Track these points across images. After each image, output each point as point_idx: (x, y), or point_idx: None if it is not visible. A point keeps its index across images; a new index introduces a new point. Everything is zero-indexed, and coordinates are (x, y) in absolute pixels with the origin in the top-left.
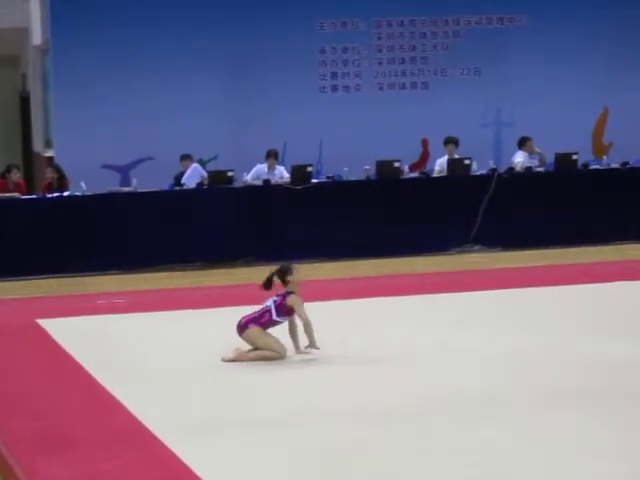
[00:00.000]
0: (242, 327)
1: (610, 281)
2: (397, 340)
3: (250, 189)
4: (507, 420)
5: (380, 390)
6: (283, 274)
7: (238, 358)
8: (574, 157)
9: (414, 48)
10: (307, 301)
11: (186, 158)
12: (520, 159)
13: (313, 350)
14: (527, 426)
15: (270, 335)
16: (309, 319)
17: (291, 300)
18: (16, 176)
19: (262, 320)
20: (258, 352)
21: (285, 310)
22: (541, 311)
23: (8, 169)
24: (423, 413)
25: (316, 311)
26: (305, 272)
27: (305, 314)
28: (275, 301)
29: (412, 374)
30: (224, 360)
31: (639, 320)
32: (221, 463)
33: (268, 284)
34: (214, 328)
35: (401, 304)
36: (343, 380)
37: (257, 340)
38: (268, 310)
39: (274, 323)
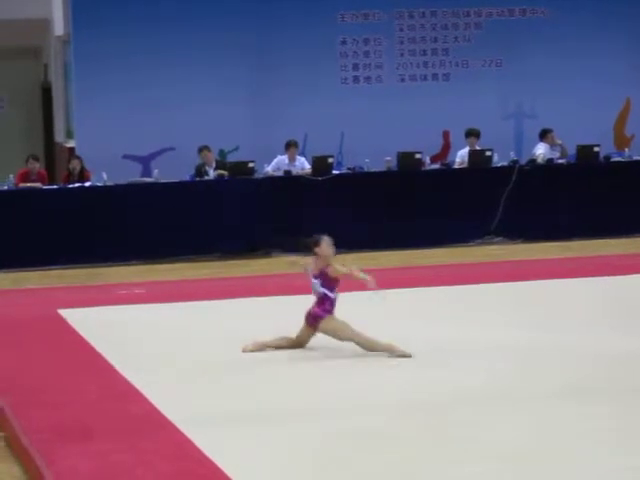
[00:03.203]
0: (312, 320)
1: (631, 274)
2: (413, 332)
3: (271, 180)
4: (522, 414)
5: (393, 383)
6: (311, 245)
7: (258, 348)
8: (595, 149)
9: (435, 40)
10: None
11: (204, 149)
12: (541, 151)
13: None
14: (542, 420)
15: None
16: (349, 271)
17: (331, 271)
18: (33, 166)
19: (326, 306)
20: (277, 341)
21: (333, 284)
22: (561, 304)
23: (27, 159)
24: (435, 406)
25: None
26: None
27: (343, 269)
28: (321, 283)
29: (426, 366)
30: (244, 351)
31: None
32: (240, 453)
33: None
34: (234, 319)
35: (421, 296)
36: (358, 372)
37: (336, 332)
38: (324, 294)
39: (334, 302)
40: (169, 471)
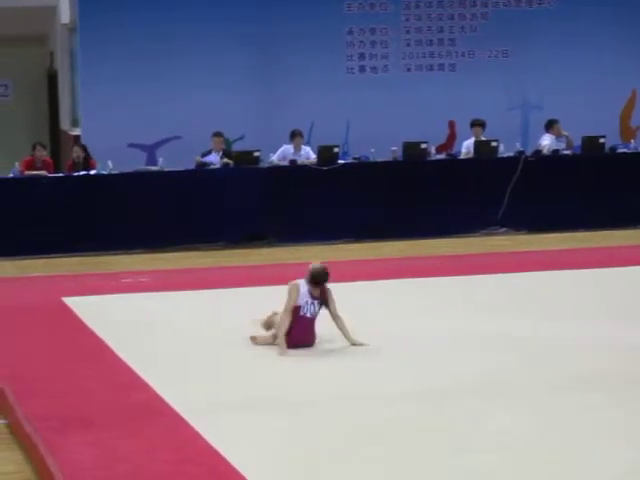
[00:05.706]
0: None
1: (636, 265)
2: (417, 323)
3: (276, 169)
4: (523, 405)
5: (396, 374)
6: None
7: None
8: (601, 140)
9: (442, 30)
10: (331, 282)
11: (216, 135)
12: (547, 142)
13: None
14: (543, 411)
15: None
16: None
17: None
18: (40, 153)
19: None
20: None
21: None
22: (566, 294)
23: (34, 146)
24: (439, 397)
25: (339, 292)
26: (330, 253)
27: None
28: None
29: (429, 358)
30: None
31: None
32: (243, 441)
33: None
34: (237, 308)
35: (425, 286)
36: (359, 363)
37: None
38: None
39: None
40: (172, 459)
